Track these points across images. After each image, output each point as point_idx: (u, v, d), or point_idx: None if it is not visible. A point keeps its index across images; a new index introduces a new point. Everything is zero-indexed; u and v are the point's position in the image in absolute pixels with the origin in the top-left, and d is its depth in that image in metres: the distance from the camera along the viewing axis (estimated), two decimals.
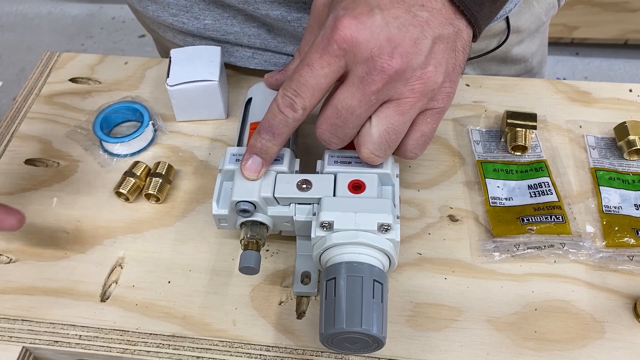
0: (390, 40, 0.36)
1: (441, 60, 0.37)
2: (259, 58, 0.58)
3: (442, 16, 0.37)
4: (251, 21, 0.55)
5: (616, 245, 0.45)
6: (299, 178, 0.41)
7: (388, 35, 0.36)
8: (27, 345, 0.43)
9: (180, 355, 0.42)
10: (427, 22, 0.37)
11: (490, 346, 0.41)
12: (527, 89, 0.57)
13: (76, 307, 0.44)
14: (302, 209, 0.41)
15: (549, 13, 0.66)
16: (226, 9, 0.55)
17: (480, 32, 0.40)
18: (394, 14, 0.36)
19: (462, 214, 0.48)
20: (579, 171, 0.50)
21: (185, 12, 0.55)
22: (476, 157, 0.51)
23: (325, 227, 0.39)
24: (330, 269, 0.38)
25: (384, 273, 0.38)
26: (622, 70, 1.74)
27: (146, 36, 1.75)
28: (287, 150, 0.43)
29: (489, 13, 0.40)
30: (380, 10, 0.36)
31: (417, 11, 0.37)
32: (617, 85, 0.57)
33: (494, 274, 0.45)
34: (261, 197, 0.40)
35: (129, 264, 0.46)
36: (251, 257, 0.40)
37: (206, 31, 0.56)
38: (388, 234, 0.38)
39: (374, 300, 0.36)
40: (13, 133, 0.56)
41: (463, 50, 0.39)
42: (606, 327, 0.42)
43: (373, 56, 0.36)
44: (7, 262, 0.47)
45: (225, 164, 0.42)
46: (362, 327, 0.35)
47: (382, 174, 0.41)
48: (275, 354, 0.41)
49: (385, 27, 0.36)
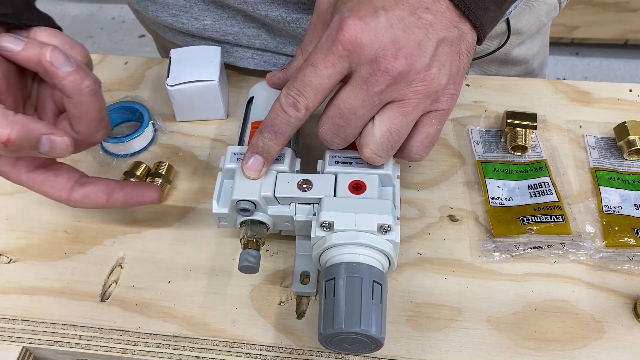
0: (394, 42, 0.36)
1: (445, 63, 0.38)
2: (258, 58, 0.58)
3: (446, 19, 0.37)
4: (251, 22, 0.55)
5: (616, 245, 0.45)
6: (299, 178, 0.41)
7: (392, 37, 0.36)
8: (27, 345, 0.43)
9: (180, 355, 0.42)
10: (432, 25, 0.37)
11: (490, 346, 0.41)
12: (527, 89, 0.57)
13: (76, 307, 0.44)
14: (303, 208, 0.41)
15: (550, 14, 0.66)
16: (226, 10, 0.55)
17: (484, 36, 0.40)
18: (398, 15, 0.36)
19: (462, 214, 0.48)
20: (579, 171, 0.50)
21: (184, 12, 0.55)
22: (476, 157, 0.51)
23: (325, 227, 0.39)
24: (329, 269, 0.38)
25: (384, 274, 0.38)
26: (622, 70, 1.74)
27: (146, 36, 1.76)
28: (288, 149, 0.43)
29: (493, 17, 0.40)
30: (385, 11, 0.36)
31: (422, 14, 0.37)
32: (617, 85, 0.57)
33: (494, 274, 0.45)
34: (261, 197, 0.40)
35: (129, 264, 0.46)
36: (250, 256, 0.40)
37: (206, 32, 0.56)
38: (388, 235, 0.38)
39: (373, 301, 0.36)
40: None
41: (467, 53, 0.39)
42: (606, 327, 0.42)
43: (377, 57, 0.36)
44: (7, 262, 0.47)
45: (226, 163, 0.42)
46: (360, 328, 0.35)
47: (383, 174, 0.41)
48: (275, 354, 0.41)
49: (390, 28, 0.36)
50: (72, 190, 0.41)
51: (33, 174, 0.40)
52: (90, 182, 0.42)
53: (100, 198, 0.42)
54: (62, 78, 0.37)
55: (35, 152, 0.37)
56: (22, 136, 0.35)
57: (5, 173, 0.41)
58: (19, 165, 0.40)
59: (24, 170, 0.40)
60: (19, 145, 0.36)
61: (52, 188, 0.41)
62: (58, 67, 0.37)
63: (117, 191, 0.42)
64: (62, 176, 0.41)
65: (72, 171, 0.42)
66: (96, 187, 0.42)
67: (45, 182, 0.41)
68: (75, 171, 0.42)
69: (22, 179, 0.40)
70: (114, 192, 0.42)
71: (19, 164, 0.40)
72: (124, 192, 0.42)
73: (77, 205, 0.42)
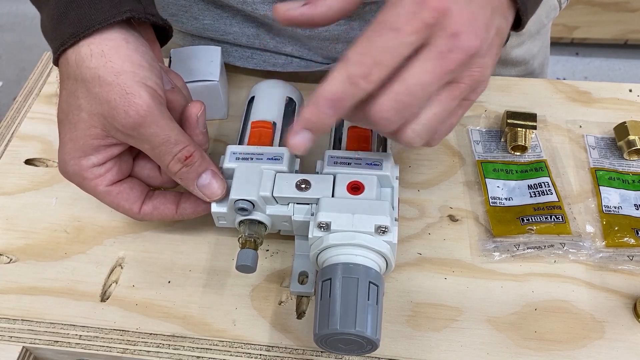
0: (472, 18, 0.33)
1: (495, 53, 0.35)
2: (257, 58, 0.58)
3: (503, 5, 0.35)
4: (250, 21, 0.55)
5: (616, 245, 0.45)
6: (298, 178, 0.41)
7: (471, 12, 0.33)
8: (27, 345, 0.43)
9: (180, 355, 0.42)
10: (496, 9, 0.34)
11: (490, 346, 0.41)
12: (527, 89, 0.57)
13: (76, 307, 0.44)
14: (301, 208, 0.41)
15: (550, 15, 0.66)
16: (225, 9, 0.55)
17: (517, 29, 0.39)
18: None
19: (462, 214, 0.48)
20: (579, 171, 0.50)
21: (184, 12, 0.55)
22: (476, 157, 0.51)
23: (323, 227, 0.39)
24: (326, 269, 0.38)
25: (380, 275, 0.38)
26: (622, 70, 1.74)
27: None
28: (287, 149, 0.43)
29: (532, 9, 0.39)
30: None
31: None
32: (617, 85, 0.57)
33: (494, 274, 0.45)
34: (260, 196, 0.40)
35: (129, 264, 0.46)
36: (248, 256, 0.40)
37: (205, 31, 0.56)
38: (385, 236, 0.38)
39: (369, 302, 0.36)
40: (13, 133, 0.56)
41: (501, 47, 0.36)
42: (606, 327, 0.42)
43: (459, 32, 0.32)
44: (7, 262, 0.47)
45: (226, 162, 0.42)
46: (355, 329, 0.35)
47: (382, 175, 0.41)
48: (275, 354, 0.41)
49: (469, 3, 0.33)
50: (143, 204, 0.42)
51: (112, 186, 0.41)
52: (158, 194, 0.43)
53: (169, 209, 0.42)
54: (196, 135, 0.41)
55: (194, 186, 0.40)
56: (200, 160, 0.39)
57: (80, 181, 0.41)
58: (105, 177, 0.40)
59: (106, 182, 0.40)
60: (191, 165, 0.39)
61: (127, 201, 0.41)
62: (200, 127, 0.42)
63: (184, 201, 0.43)
64: (136, 189, 0.42)
65: (143, 185, 0.43)
66: (165, 199, 0.42)
67: (120, 194, 0.41)
68: (145, 185, 0.43)
69: (99, 190, 0.41)
70: (182, 202, 0.43)
71: (107, 175, 0.40)
72: (189, 201, 0.43)
73: (145, 217, 0.42)
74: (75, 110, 0.38)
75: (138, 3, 0.40)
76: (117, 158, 0.41)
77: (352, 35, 0.53)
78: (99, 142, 0.39)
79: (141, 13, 0.39)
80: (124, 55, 0.38)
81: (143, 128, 0.37)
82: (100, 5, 0.38)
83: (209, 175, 0.40)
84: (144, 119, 0.37)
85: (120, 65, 0.37)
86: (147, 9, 0.40)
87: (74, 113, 0.39)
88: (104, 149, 0.39)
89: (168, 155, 0.38)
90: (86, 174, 0.40)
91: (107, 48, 0.38)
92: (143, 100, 0.37)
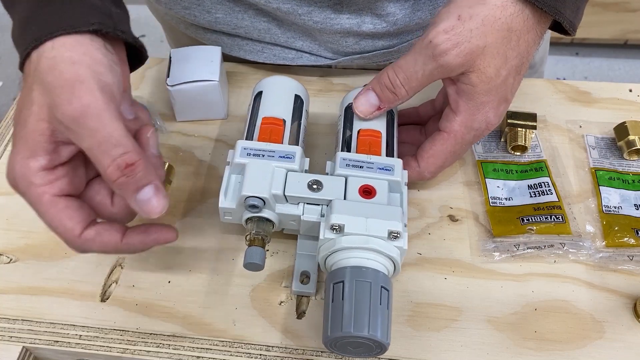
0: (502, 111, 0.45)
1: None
2: (268, 52, 0.58)
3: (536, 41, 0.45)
4: (262, 15, 0.55)
5: (616, 245, 0.45)
6: (309, 178, 0.41)
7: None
8: (27, 345, 0.43)
9: (180, 355, 0.42)
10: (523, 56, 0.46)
11: (490, 346, 0.41)
12: (527, 89, 0.57)
13: (76, 307, 0.44)
14: (311, 209, 0.41)
15: None
16: (237, 3, 0.55)
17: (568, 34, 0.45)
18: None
19: (462, 214, 0.48)
20: (579, 171, 0.50)
21: (197, 5, 0.56)
22: (476, 157, 0.51)
23: (335, 229, 0.38)
24: (337, 272, 0.38)
25: (390, 279, 0.38)
26: (622, 70, 1.74)
27: (146, 36, 1.75)
28: (299, 148, 0.43)
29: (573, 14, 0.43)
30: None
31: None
32: (617, 85, 0.57)
33: (494, 274, 0.45)
34: (271, 194, 0.40)
35: (129, 264, 0.46)
36: (256, 254, 0.40)
37: (217, 25, 0.57)
38: (397, 242, 0.38)
39: (380, 306, 0.36)
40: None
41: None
42: (606, 327, 0.42)
43: (492, 124, 0.45)
44: (7, 262, 0.47)
45: (236, 157, 0.42)
46: (368, 333, 0.35)
47: (393, 181, 0.41)
48: (275, 354, 0.41)
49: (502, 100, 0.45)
50: (87, 227, 0.37)
51: (60, 197, 0.36)
52: (103, 222, 0.38)
53: (114, 237, 0.37)
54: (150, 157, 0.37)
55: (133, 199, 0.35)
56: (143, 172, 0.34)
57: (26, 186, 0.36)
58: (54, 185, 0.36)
59: (54, 190, 0.36)
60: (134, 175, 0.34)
61: (71, 219, 0.36)
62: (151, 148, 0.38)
63: (132, 231, 0.38)
64: (85, 210, 0.37)
65: (92, 211, 0.38)
66: (110, 226, 0.38)
67: (67, 209, 0.36)
68: (94, 213, 0.38)
69: (44, 199, 0.36)
70: (129, 232, 0.38)
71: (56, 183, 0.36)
72: (137, 231, 0.38)
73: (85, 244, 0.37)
74: (28, 104, 0.36)
75: (109, 18, 0.38)
76: (68, 168, 0.37)
77: (362, 29, 0.53)
78: (46, 138, 0.35)
79: (110, 28, 0.37)
80: (87, 50, 0.35)
81: (83, 120, 0.33)
82: (70, 13, 0.36)
83: (151, 190, 0.35)
84: (86, 109, 0.33)
85: (79, 57, 0.35)
86: (117, 25, 0.38)
87: (26, 108, 0.36)
88: (52, 150, 0.36)
89: (107, 158, 0.34)
90: (34, 179, 0.35)
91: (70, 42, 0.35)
92: (90, 90, 0.34)
